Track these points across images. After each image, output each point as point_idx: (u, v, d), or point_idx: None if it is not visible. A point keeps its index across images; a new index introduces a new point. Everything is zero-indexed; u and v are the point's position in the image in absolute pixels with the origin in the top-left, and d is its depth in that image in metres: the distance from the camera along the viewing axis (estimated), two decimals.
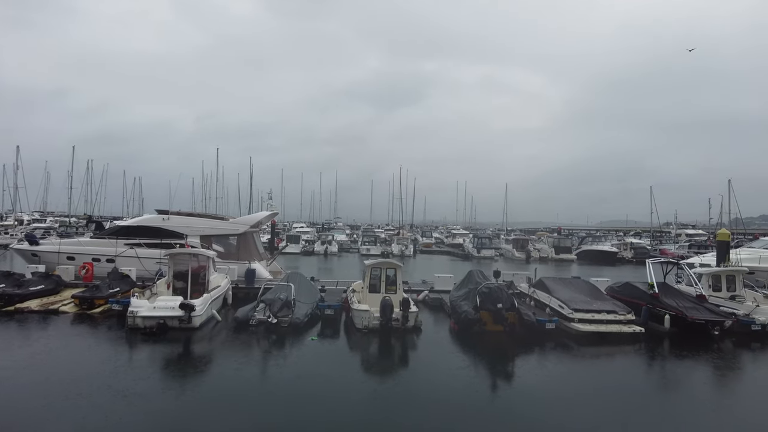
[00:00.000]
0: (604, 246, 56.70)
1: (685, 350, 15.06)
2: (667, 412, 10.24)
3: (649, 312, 17.07)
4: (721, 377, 13.28)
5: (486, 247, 53.68)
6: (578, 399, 10.82)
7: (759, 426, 9.69)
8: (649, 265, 20.01)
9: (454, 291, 19.49)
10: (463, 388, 11.14)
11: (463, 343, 15.16)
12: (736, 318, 16.95)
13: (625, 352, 14.80)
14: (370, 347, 14.48)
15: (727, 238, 29.40)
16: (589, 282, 20.37)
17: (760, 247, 31.81)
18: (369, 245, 53.06)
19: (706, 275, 20.46)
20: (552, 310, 17.35)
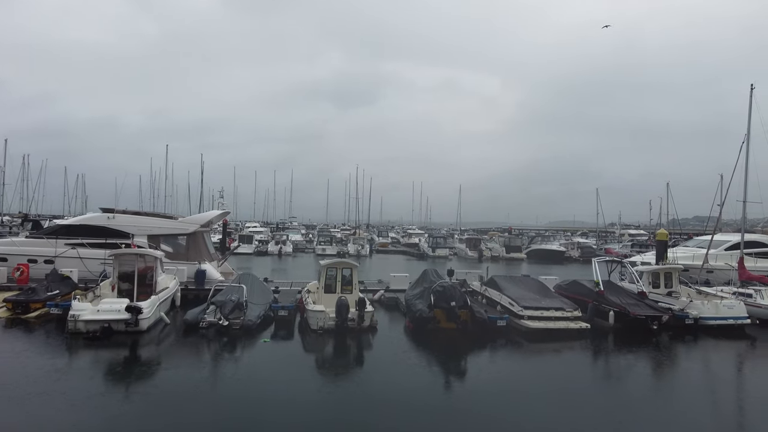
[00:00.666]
0: (552, 245, 58.81)
1: (627, 344, 15.82)
2: (612, 404, 10.74)
3: (595, 309, 17.82)
4: (659, 369, 14.04)
5: (441, 246, 54.50)
6: (528, 394, 11.15)
7: (691, 413, 10.30)
8: (594, 263, 20.91)
9: (409, 290, 19.66)
10: (418, 386, 11.25)
11: (417, 341, 15.32)
12: (672, 313, 17.97)
13: (572, 347, 15.36)
14: (325, 348, 14.37)
15: (665, 238, 31.15)
16: (538, 280, 21.06)
17: (694, 246, 33.83)
18: (325, 245, 52.68)
19: (647, 273, 21.61)
20: (503, 307, 17.81)
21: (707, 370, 14.61)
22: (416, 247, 59.87)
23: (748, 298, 20.01)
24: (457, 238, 67.10)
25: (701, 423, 9.81)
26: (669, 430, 9.30)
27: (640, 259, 32.69)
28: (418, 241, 63.55)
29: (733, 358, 15.64)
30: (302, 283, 21.42)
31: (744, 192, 24.72)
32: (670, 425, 9.54)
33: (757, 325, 18.00)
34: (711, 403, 11.39)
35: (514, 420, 9.56)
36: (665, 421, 9.73)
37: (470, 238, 60.56)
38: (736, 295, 20.21)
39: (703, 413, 10.44)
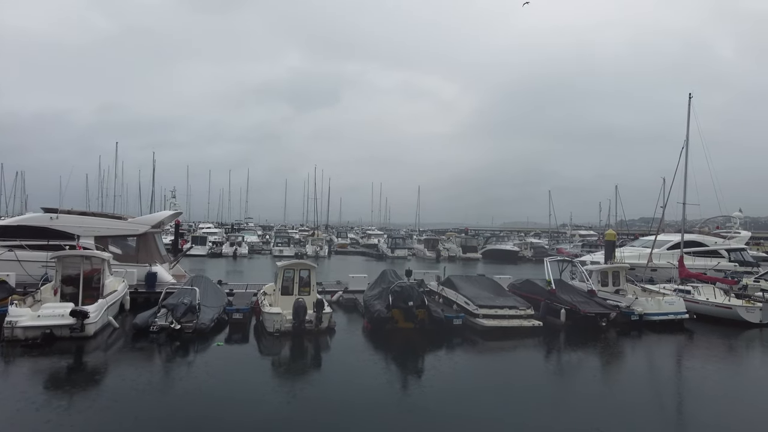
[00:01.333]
0: (506, 246, 60.35)
1: (578, 341, 16.42)
2: (564, 399, 11.11)
3: (547, 307, 18.40)
4: (607, 364, 14.64)
5: (399, 247, 54.84)
6: (485, 391, 11.37)
7: (635, 404, 10.79)
8: (547, 263, 21.60)
9: (367, 291, 19.68)
10: (376, 386, 11.28)
11: (375, 341, 15.35)
12: (619, 310, 18.79)
13: (526, 345, 15.79)
14: (282, 350, 14.16)
15: (613, 238, 32.57)
16: (493, 279, 21.56)
17: (640, 245, 35.55)
18: (282, 246, 51.95)
19: (596, 272, 22.51)
20: (459, 306, 18.12)
21: (651, 363, 15.35)
22: (375, 248, 60.01)
23: (687, 294, 21.18)
24: (416, 238, 67.73)
25: (645, 411, 10.28)
26: (616, 420, 9.71)
27: (589, 258, 34.03)
28: (377, 242, 63.74)
29: (673, 351, 16.49)
30: (258, 285, 21.05)
31: (684, 195, 26.17)
32: (617, 415, 9.98)
33: (694, 319, 19.09)
34: (654, 394, 11.96)
35: (470, 416, 9.72)
36: (613, 412, 10.18)
37: (428, 239, 61.24)
38: (677, 292, 21.34)
39: (646, 403, 10.95)
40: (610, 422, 9.66)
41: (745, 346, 17.20)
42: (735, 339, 17.72)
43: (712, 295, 21.14)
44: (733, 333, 18.32)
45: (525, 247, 59.98)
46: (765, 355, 16.36)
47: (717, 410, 10.71)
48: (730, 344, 17.15)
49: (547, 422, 9.55)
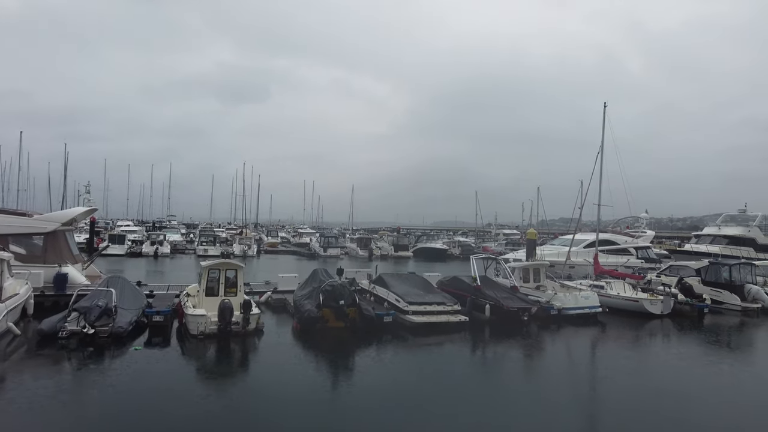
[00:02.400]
0: (436, 244, 61.84)
1: (501, 335, 17.13)
2: (487, 391, 11.54)
3: (473, 302, 19.03)
4: (529, 356, 15.40)
5: (332, 246, 54.49)
6: (413, 386, 11.56)
7: (555, 391, 11.43)
8: (473, 260, 22.36)
9: (297, 290, 19.37)
10: (306, 386, 11.11)
11: (305, 341, 15.14)
12: (539, 305, 19.81)
13: (453, 339, 16.24)
14: (206, 354, 13.57)
15: (534, 237, 34.25)
16: (423, 277, 21.99)
17: (559, 244, 37.70)
18: (207, 245, 49.81)
19: (518, 269, 23.59)
20: (390, 304, 18.31)
21: (569, 353, 16.32)
22: (307, 247, 59.23)
23: (601, 289, 22.74)
24: (349, 237, 67.62)
25: (563, 399, 10.91)
26: (537, 408, 10.22)
27: (512, 256, 35.63)
28: (309, 241, 62.92)
29: (588, 341, 17.64)
30: (181, 286, 20.06)
31: (599, 197, 27.99)
32: (538, 403, 10.51)
33: (607, 312, 20.53)
34: (572, 382, 12.74)
35: (401, 411, 9.83)
36: (534, 400, 10.72)
37: (361, 238, 61.38)
38: (591, 288, 22.86)
39: (564, 391, 11.64)
40: (532, 410, 10.16)
41: (649, 335, 18.71)
42: (641, 329, 19.22)
43: (622, 289, 22.84)
44: (639, 324, 19.87)
45: (453, 246, 61.74)
46: (665, 342, 17.89)
47: (627, 392, 11.59)
48: (637, 334, 18.59)
49: (474, 412, 9.85)
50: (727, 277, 24.91)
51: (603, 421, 10.37)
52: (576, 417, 10.19)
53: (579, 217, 34.51)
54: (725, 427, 9.80)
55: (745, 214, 48.62)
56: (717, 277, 25.21)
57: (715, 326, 20.41)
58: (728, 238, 44.69)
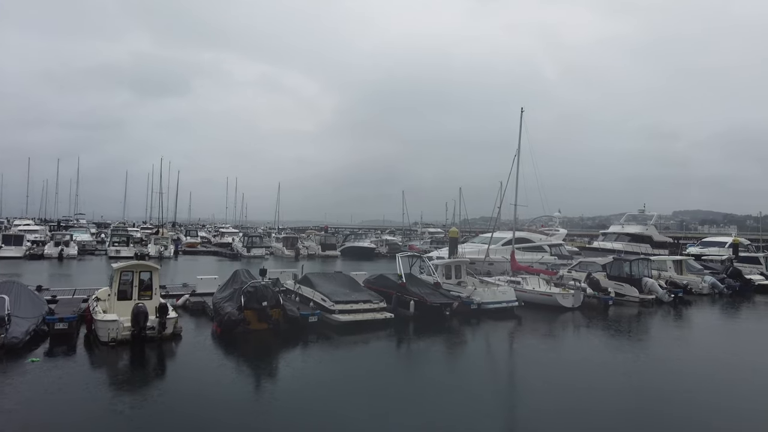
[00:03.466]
0: (364, 243, 62.10)
1: (425, 330, 17.58)
2: (413, 383, 11.78)
3: (398, 299, 19.36)
4: (451, 348, 15.94)
5: (256, 246, 52.97)
6: (339, 385, 11.55)
7: (476, 382, 11.92)
8: (398, 258, 22.76)
9: (218, 293, 18.66)
10: (228, 389, 10.76)
11: (226, 345, 14.63)
12: (461, 300, 20.54)
13: (379, 336, 16.42)
14: (118, 362, 12.71)
15: (456, 236, 35.40)
16: (349, 276, 22.01)
17: (479, 242, 39.22)
18: (119, 246, 46.55)
19: (441, 266, 24.32)
20: (315, 303, 18.15)
21: (488, 345, 17.08)
22: (229, 247, 57.15)
23: (518, 285, 23.98)
24: (274, 237, 66.11)
25: (483, 388, 11.40)
26: (460, 397, 10.59)
27: (436, 254, 36.58)
28: (231, 241, 60.76)
29: (506, 334, 18.54)
30: (90, 290, 18.65)
31: (515, 197, 29.42)
32: (459, 392, 10.90)
33: (522, 306, 21.70)
34: (492, 372, 13.35)
35: (326, 410, 9.77)
36: (456, 390, 11.11)
37: (287, 237, 60.18)
38: (509, 283, 24.03)
39: (484, 380, 12.20)
40: (456, 404, 10.51)
41: (561, 326, 20.00)
42: (554, 321, 20.50)
43: (537, 284, 24.24)
44: (552, 316, 21.18)
45: (381, 245, 62.37)
46: (576, 333, 19.21)
47: (542, 378, 12.35)
48: (550, 326, 19.79)
49: (399, 407, 10.02)
50: (627, 271, 27.22)
51: (522, 411, 10.95)
52: (497, 408, 10.68)
53: (498, 216, 36.16)
54: (627, 409, 10.68)
55: (644, 214, 53.42)
56: (620, 272, 27.48)
57: (618, 316, 22.22)
58: (630, 235, 48.85)
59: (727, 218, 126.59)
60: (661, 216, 64.33)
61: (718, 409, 10.81)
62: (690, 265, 33.18)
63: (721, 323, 22.84)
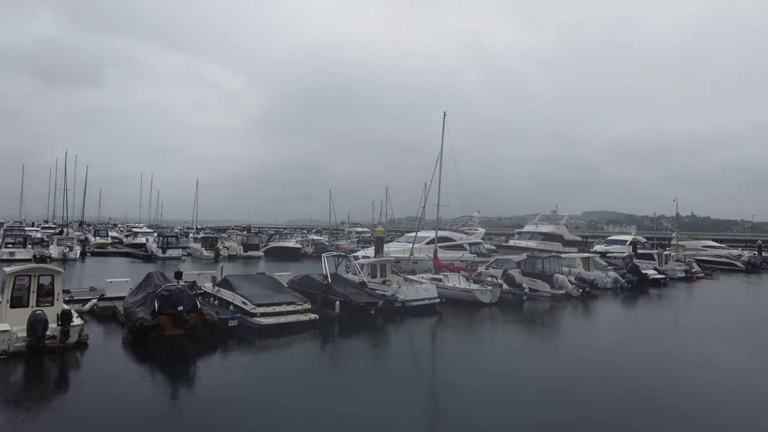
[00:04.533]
0: (289, 243, 61.01)
1: (351, 329, 17.61)
2: (337, 386, 11.75)
3: (323, 300, 19.24)
4: (376, 347, 16.11)
5: (173, 246, 50.22)
6: (261, 389, 11.28)
7: (402, 378, 12.14)
8: (324, 258, 22.58)
9: (129, 297, 17.51)
10: (140, 401, 10.14)
11: (139, 353, 13.78)
12: (385, 298, 20.82)
13: (303, 338, 16.21)
14: (10, 377, 11.52)
15: (382, 235, 35.80)
16: (272, 277, 21.55)
17: (405, 241, 39.93)
18: (15, 248, 42.21)
19: (367, 265, 24.50)
20: (236, 307, 17.56)
21: (411, 341, 17.44)
22: (143, 248, 53.82)
23: (440, 282, 24.72)
24: (193, 237, 63.16)
25: (408, 381, 11.63)
26: (387, 398, 10.72)
27: (362, 253, 36.78)
28: (145, 241, 57.25)
29: (428, 329, 19.04)
30: None
31: (438, 198, 30.26)
32: (387, 394, 11.04)
33: (444, 303, 22.40)
34: (416, 367, 13.64)
35: (247, 416, 9.50)
36: (381, 386, 11.26)
37: (207, 237, 57.65)
38: (431, 280, 24.70)
39: (410, 376, 12.43)
40: (382, 402, 10.63)
41: (480, 321, 20.87)
42: (473, 317, 21.34)
43: (458, 281, 25.14)
44: (472, 312, 22.04)
45: (307, 244, 61.60)
46: (493, 327, 20.13)
47: (462, 372, 12.87)
48: (469, 321, 20.58)
49: (322, 408, 9.97)
50: (540, 268, 28.98)
51: (445, 403, 11.31)
52: (421, 402, 10.92)
53: (422, 216, 37.01)
54: (541, 398, 11.38)
55: (556, 214, 57.23)
56: (533, 269, 29.19)
57: (532, 311, 23.59)
58: (543, 234, 52.07)
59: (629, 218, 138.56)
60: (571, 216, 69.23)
61: (618, 387, 11.82)
62: (596, 262, 35.88)
63: (621, 314, 24.97)
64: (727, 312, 26.43)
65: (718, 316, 24.75)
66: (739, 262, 52.68)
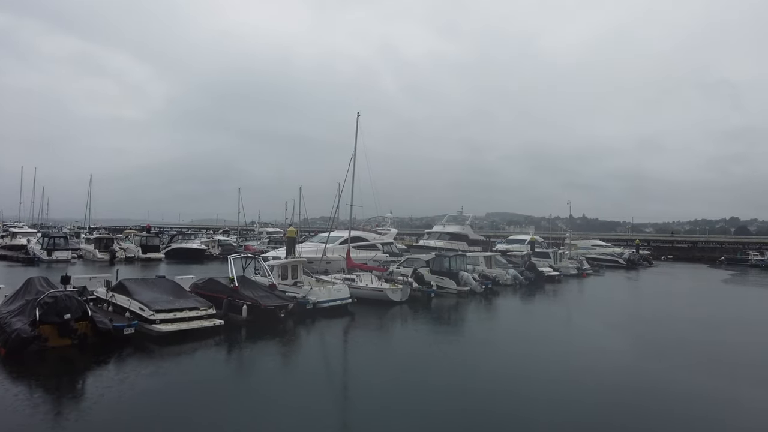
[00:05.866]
0: (193, 244, 57.86)
1: (259, 334, 17.06)
2: (245, 393, 11.30)
3: (229, 304, 18.47)
4: (286, 352, 15.78)
5: (60, 248, 45.58)
6: (160, 402, 10.58)
7: (312, 382, 11.98)
8: (230, 260, 21.68)
9: (3, 306, 15.56)
10: (18, 425, 9.03)
11: (16, 369, 12.25)
12: (296, 300, 20.45)
13: (207, 345, 15.42)
14: None
15: (294, 235, 35.19)
16: (173, 281, 20.27)
17: (318, 241, 39.57)
18: None
19: (277, 267, 23.93)
20: (132, 313, 16.30)
21: (322, 343, 17.32)
22: (23, 250, 48.31)
23: (352, 282, 24.79)
24: (85, 237, 57.76)
25: (317, 384, 11.50)
26: (296, 402, 10.50)
27: (273, 254, 35.88)
28: (26, 242, 51.42)
29: (340, 330, 19.02)
30: None
31: (351, 198, 30.40)
32: (299, 395, 10.82)
33: (356, 303, 22.50)
34: (327, 369, 13.54)
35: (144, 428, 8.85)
36: (295, 393, 11.01)
37: (100, 238, 52.98)
38: (344, 281, 24.70)
39: (319, 375, 12.32)
40: (290, 401, 10.41)
41: (390, 320, 21.24)
42: (384, 315, 21.67)
43: (370, 281, 25.39)
44: (383, 310, 22.38)
45: (213, 245, 58.91)
46: (403, 325, 20.60)
47: (372, 371, 13.04)
48: (380, 320, 20.87)
49: (232, 416, 9.55)
50: (447, 266, 30.17)
51: (358, 404, 11.33)
52: (333, 404, 10.85)
53: (336, 216, 36.97)
54: (451, 385, 11.80)
55: (462, 215, 59.97)
56: (440, 267, 30.33)
57: (439, 307, 24.51)
58: (450, 234, 54.29)
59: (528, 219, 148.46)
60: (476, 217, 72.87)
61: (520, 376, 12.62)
62: (498, 260, 38.02)
63: (518, 309, 26.73)
64: (609, 304, 29.38)
65: (602, 308, 27.48)
66: (621, 260, 58.78)
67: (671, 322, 22.94)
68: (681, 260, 76.55)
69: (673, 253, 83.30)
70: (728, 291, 39.43)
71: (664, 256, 79.29)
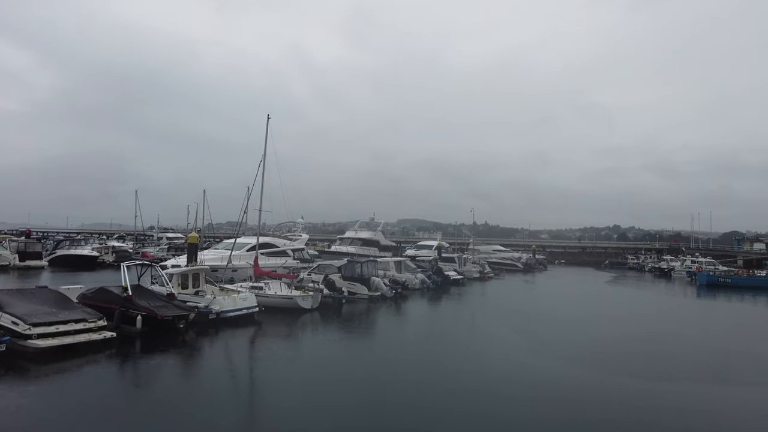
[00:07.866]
0: (84, 250, 52.83)
1: (155, 347, 15.91)
2: (140, 413, 10.45)
3: (122, 315, 17.07)
4: (186, 365, 14.88)
5: None
6: (30, 425, 9.44)
7: (214, 395, 11.35)
8: (123, 268, 20.03)
9: None
10: None
11: None
12: (198, 310, 19.37)
13: (96, 360, 14.14)
14: None
15: (196, 241, 33.31)
16: (58, 291, 18.32)
17: (223, 248, 37.89)
18: None
19: (176, 275, 22.54)
20: (3, 328, 14.46)
21: (226, 354, 16.58)
22: None
23: (260, 290, 24.00)
24: None
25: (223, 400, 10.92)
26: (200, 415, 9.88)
27: (172, 262, 33.76)
28: None
29: (245, 340, 18.30)
30: None
31: (260, 203, 29.43)
32: (198, 412, 10.19)
33: (264, 311, 21.79)
34: (229, 380, 12.94)
35: None
36: (194, 410, 10.35)
37: None
38: (251, 289, 23.84)
39: (224, 392, 11.70)
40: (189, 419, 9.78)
41: (301, 327, 20.86)
42: (294, 323, 21.22)
43: (279, 288, 24.74)
44: (293, 319, 21.91)
45: (106, 252, 54.27)
46: (314, 332, 20.33)
47: (280, 381, 12.77)
48: (289, 328, 20.40)
49: None
50: (359, 272, 30.31)
51: (265, 422, 10.92)
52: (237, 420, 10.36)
53: (244, 221, 35.59)
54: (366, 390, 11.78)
55: (374, 222, 60.81)
56: (352, 273, 30.38)
57: (350, 313, 24.54)
58: (362, 240, 54.74)
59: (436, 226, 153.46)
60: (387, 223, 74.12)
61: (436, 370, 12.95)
62: (407, 265, 38.91)
63: (425, 311, 27.58)
64: (506, 304, 31.28)
65: (498, 308, 29.25)
66: (519, 264, 62.89)
67: (559, 322, 24.94)
68: (572, 264, 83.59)
69: (565, 258, 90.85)
70: (606, 292, 43.68)
71: (558, 261, 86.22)
